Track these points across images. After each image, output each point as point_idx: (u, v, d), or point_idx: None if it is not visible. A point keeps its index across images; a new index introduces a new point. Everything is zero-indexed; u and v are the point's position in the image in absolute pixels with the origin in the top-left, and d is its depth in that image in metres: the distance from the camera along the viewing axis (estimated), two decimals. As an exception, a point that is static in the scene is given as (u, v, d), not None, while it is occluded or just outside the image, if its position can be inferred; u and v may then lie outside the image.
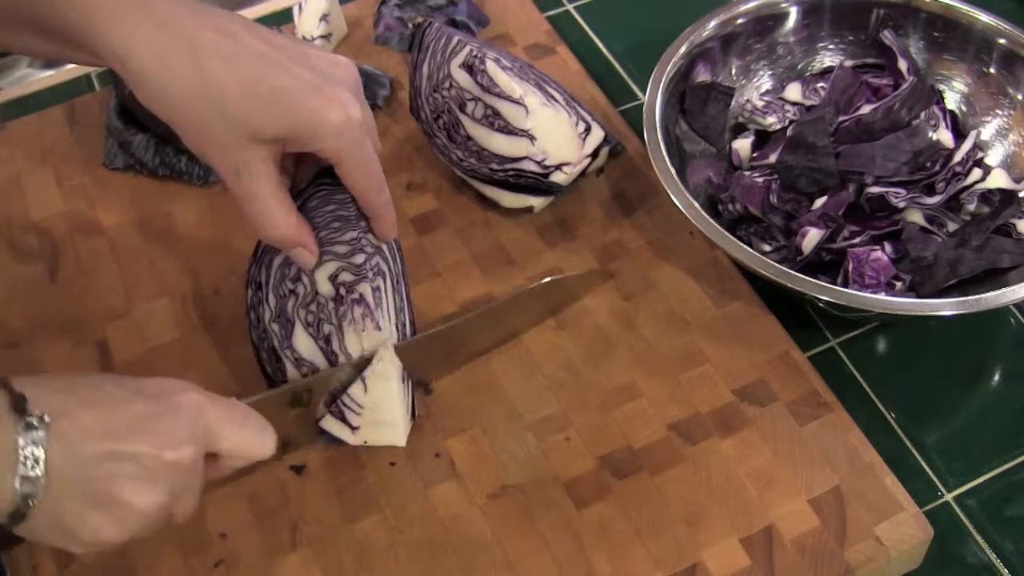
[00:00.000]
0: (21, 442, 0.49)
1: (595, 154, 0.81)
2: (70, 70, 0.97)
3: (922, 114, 0.82)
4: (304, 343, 0.70)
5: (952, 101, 0.86)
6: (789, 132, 0.82)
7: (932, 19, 0.86)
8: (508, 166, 0.80)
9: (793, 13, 0.88)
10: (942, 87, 0.86)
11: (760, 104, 0.86)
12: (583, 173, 0.81)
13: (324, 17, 0.93)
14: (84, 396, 0.53)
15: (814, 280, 0.70)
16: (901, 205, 0.78)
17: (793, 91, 0.86)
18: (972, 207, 0.80)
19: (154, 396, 0.55)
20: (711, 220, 0.74)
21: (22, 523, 0.51)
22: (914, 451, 0.74)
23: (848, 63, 0.86)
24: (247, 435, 0.60)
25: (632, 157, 0.86)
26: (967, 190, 0.80)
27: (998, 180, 0.80)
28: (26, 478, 0.50)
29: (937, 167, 0.80)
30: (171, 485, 0.54)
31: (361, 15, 0.98)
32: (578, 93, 0.86)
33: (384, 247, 0.71)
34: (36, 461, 0.50)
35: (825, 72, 0.88)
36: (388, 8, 0.96)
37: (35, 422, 0.50)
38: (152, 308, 0.78)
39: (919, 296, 0.76)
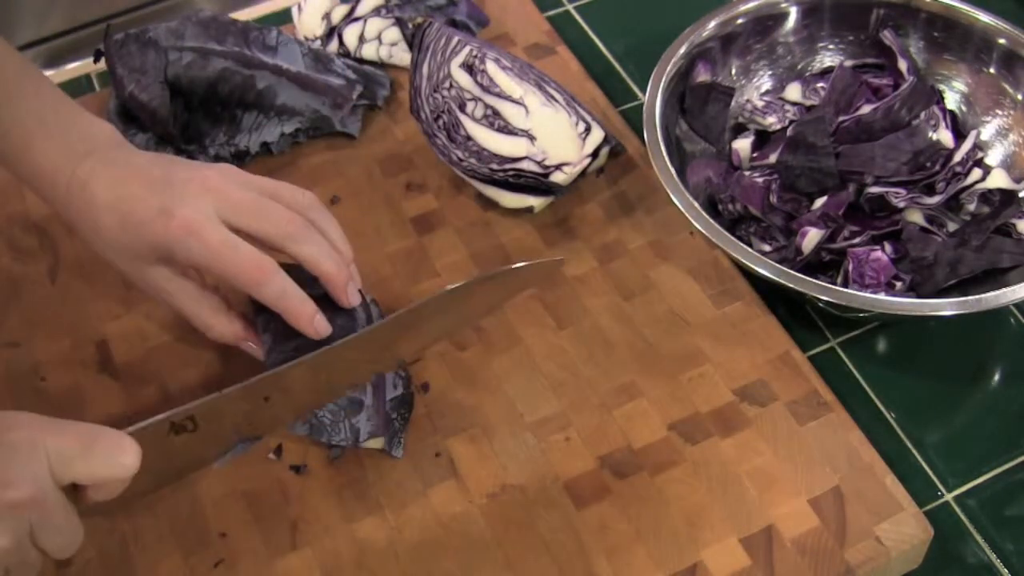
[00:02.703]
0: None
1: (595, 154, 0.81)
2: (70, 70, 0.97)
3: (922, 114, 0.82)
4: None
5: (952, 101, 0.86)
6: (789, 132, 0.82)
7: (932, 19, 0.86)
8: (508, 166, 0.80)
9: (793, 13, 0.88)
10: (942, 87, 0.86)
11: (760, 104, 0.86)
12: (583, 173, 0.81)
13: (326, 16, 0.93)
14: None
15: (814, 280, 0.70)
16: (901, 205, 0.78)
17: (793, 91, 0.86)
18: (972, 207, 0.80)
19: None
20: (711, 220, 0.74)
21: None
22: (914, 451, 0.74)
23: (848, 63, 0.86)
24: (98, 459, 0.55)
25: (632, 157, 0.86)
26: (967, 190, 0.80)
27: (998, 180, 0.80)
28: None
29: (937, 167, 0.80)
30: (14, 526, 0.52)
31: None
32: (578, 93, 0.86)
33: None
34: None
35: (825, 72, 0.87)
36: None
37: None
38: (152, 308, 0.78)
39: (919, 296, 0.76)
